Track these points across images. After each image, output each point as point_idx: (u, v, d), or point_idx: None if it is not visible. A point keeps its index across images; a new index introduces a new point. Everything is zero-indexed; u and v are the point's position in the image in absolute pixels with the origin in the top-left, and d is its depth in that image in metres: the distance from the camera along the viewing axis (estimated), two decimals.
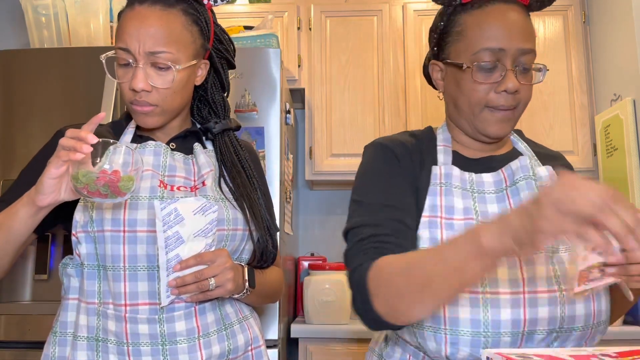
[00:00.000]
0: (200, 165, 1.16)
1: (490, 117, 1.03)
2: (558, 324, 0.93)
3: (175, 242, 1.03)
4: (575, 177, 0.71)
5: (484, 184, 1.03)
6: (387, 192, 1.01)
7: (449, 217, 0.99)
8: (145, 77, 1.07)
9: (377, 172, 1.04)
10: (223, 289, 1.05)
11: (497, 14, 1.01)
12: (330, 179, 2.62)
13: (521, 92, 1.02)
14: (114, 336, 1.05)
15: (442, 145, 1.09)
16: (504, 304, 0.92)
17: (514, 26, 1.00)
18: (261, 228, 1.18)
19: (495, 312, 0.92)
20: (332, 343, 2.16)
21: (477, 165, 1.07)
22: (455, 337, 0.93)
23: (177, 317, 1.06)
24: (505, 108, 1.02)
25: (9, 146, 1.99)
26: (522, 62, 1.01)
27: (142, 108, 1.10)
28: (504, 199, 1.02)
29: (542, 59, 2.63)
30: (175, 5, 1.11)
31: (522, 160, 1.05)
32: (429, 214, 0.99)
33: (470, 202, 1.00)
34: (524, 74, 1.03)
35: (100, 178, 0.93)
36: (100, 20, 2.24)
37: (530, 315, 0.92)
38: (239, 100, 1.99)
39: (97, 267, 1.08)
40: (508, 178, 1.05)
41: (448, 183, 1.02)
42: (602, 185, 0.70)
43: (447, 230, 0.97)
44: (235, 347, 1.13)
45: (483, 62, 1.00)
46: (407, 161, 1.05)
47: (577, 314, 0.93)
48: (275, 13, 2.69)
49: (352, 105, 2.64)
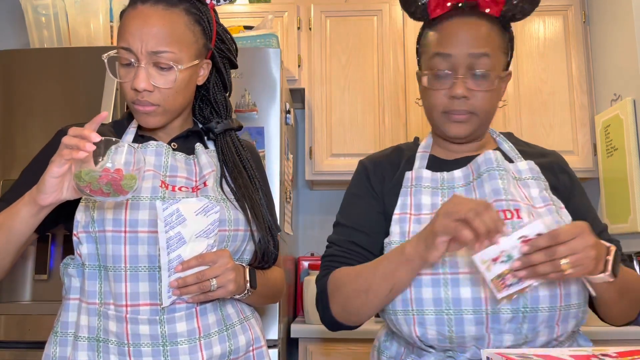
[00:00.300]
0: (202, 165, 1.16)
1: (447, 121, 1.12)
2: (521, 304, 0.98)
3: (177, 242, 1.03)
4: (462, 196, 0.94)
5: (454, 180, 1.13)
6: (352, 214, 1.18)
7: (418, 214, 1.10)
8: (147, 77, 1.07)
9: (349, 195, 1.22)
10: (224, 290, 1.05)
11: (453, 25, 1.11)
12: (330, 179, 2.62)
13: (472, 98, 1.09)
14: (115, 337, 1.05)
15: (420, 152, 1.20)
16: (463, 283, 1.00)
17: (466, 33, 1.09)
18: (263, 229, 1.17)
19: (455, 291, 1.00)
20: (332, 343, 2.16)
21: (455, 165, 1.16)
22: (421, 317, 1.02)
23: (178, 318, 1.06)
24: (458, 113, 1.10)
25: (9, 146, 1.99)
26: (475, 67, 1.08)
27: (144, 108, 1.10)
28: (471, 191, 1.11)
29: (542, 59, 2.65)
30: (178, 4, 1.11)
31: (486, 154, 1.12)
32: (400, 212, 1.12)
33: (439, 199, 1.11)
34: (478, 80, 1.09)
35: (103, 177, 0.92)
36: (100, 20, 2.24)
37: (491, 294, 0.96)
38: (239, 100, 1.99)
39: (98, 267, 1.08)
40: (475, 171, 1.12)
41: (418, 184, 1.13)
42: (480, 200, 0.91)
43: (415, 224, 1.09)
44: (236, 347, 1.13)
45: (436, 69, 1.10)
46: (378, 178, 1.19)
47: (541, 295, 0.99)
48: (275, 13, 2.69)
49: (352, 105, 2.64)
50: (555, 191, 1.13)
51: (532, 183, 1.11)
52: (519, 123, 2.61)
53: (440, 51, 1.09)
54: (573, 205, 1.13)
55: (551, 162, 1.17)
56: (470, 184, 1.11)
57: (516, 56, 2.65)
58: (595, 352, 0.75)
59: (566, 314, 1.01)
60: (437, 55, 1.10)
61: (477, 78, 1.09)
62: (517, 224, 1.02)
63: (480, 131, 1.16)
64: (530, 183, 1.11)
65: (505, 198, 1.05)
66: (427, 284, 1.02)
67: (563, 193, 1.14)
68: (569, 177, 1.17)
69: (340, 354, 2.16)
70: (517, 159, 1.16)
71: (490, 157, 1.11)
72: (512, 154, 1.17)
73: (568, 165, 1.20)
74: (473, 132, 1.13)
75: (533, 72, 2.64)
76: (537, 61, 2.65)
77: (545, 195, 1.10)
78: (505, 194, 1.05)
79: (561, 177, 1.16)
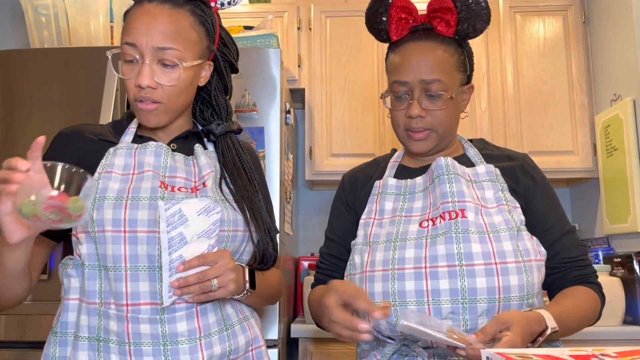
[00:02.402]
0: (201, 166, 1.16)
1: (409, 139, 1.24)
2: (460, 295, 1.07)
3: (178, 242, 1.03)
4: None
5: (415, 186, 1.25)
6: (333, 227, 1.34)
7: (380, 218, 1.23)
8: (151, 74, 1.07)
9: (332, 208, 1.36)
10: (225, 290, 1.06)
11: (407, 51, 1.21)
12: (330, 179, 2.62)
13: (428, 117, 1.20)
14: (116, 336, 1.05)
15: (392, 162, 1.33)
16: (408, 277, 1.10)
17: (419, 60, 1.19)
18: (261, 230, 1.18)
19: (400, 285, 1.11)
20: (332, 343, 2.16)
21: (421, 172, 1.27)
22: None
23: (178, 318, 1.06)
24: (417, 130, 1.21)
25: (9, 146, 1.99)
26: (428, 90, 1.19)
27: (146, 106, 1.10)
28: (427, 195, 1.22)
29: (542, 59, 2.65)
30: (184, 5, 1.12)
31: (438, 161, 1.22)
32: (365, 217, 1.25)
33: (399, 204, 1.23)
34: (433, 100, 1.19)
35: (46, 206, 0.84)
36: (100, 20, 2.24)
37: (432, 287, 1.08)
38: (239, 100, 1.99)
39: (98, 267, 1.08)
40: (430, 177, 1.23)
41: (384, 192, 1.26)
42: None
43: (376, 228, 1.21)
44: (236, 347, 1.13)
45: (393, 92, 1.23)
46: (352, 191, 1.32)
47: (479, 287, 1.07)
48: (275, 13, 2.68)
49: (352, 105, 2.64)
50: (514, 193, 1.21)
51: (487, 185, 1.21)
52: (519, 123, 2.61)
53: (397, 79, 1.21)
54: (534, 206, 1.21)
55: (514, 166, 1.24)
56: (427, 189, 1.22)
57: (516, 56, 2.65)
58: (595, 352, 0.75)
59: (507, 307, 1.08)
60: (395, 82, 1.22)
61: (431, 99, 1.19)
62: (460, 222, 1.12)
63: (442, 144, 1.25)
64: (486, 185, 1.21)
65: (451, 200, 1.15)
66: (378, 279, 1.13)
67: (523, 195, 1.21)
68: (533, 180, 1.24)
69: (340, 354, 2.16)
70: (478, 163, 1.25)
71: (441, 163, 1.21)
72: (475, 158, 1.27)
73: (536, 169, 1.27)
74: (434, 147, 1.24)
75: (533, 72, 2.64)
76: (537, 61, 2.65)
77: (499, 196, 1.19)
78: (451, 197, 1.16)
79: (523, 179, 1.23)
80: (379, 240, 1.19)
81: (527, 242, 1.13)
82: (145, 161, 1.12)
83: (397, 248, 1.14)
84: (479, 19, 1.20)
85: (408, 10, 1.23)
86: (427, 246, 1.12)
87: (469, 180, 1.21)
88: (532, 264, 1.11)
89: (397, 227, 1.18)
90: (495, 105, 2.63)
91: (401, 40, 1.24)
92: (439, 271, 1.09)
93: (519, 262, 1.09)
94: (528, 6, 2.69)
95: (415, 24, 1.23)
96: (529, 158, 1.28)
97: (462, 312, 1.08)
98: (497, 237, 1.11)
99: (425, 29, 1.23)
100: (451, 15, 1.19)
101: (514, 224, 1.14)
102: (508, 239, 1.11)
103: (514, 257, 1.09)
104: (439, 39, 1.21)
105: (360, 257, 1.19)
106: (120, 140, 1.16)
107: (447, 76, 1.19)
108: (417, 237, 1.14)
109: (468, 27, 1.20)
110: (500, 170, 1.23)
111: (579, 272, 1.18)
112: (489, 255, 1.09)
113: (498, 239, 1.11)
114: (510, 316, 0.99)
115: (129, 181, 1.09)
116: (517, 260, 1.09)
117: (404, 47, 1.22)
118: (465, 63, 1.24)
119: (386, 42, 1.30)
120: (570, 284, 1.17)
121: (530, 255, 1.12)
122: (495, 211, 1.16)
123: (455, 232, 1.11)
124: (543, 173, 1.27)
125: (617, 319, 2.17)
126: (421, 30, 1.23)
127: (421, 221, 1.17)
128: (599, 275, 1.24)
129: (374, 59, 2.66)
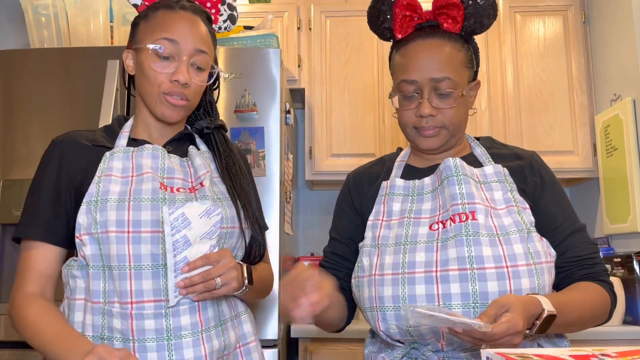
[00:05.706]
0: (197, 167, 1.20)
1: (418, 135, 1.21)
2: (471, 299, 1.06)
3: (183, 245, 1.08)
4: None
5: (424, 187, 1.23)
6: (337, 226, 1.33)
7: (388, 220, 1.21)
8: (188, 72, 1.15)
9: (336, 207, 1.36)
10: (228, 287, 1.10)
11: (414, 50, 1.19)
12: (330, 179, 2.62)
13: (439, 115, 1.18)
14: (120, 333, 1.07)
15: (398, 162, 1.30)
16: (418, 281, 1.09)
17: (427, 58, 1.17)
18: (252, 225, 1.22)
19: (411, 289, 1.09)
20: (332, 343, 2.16)
21: (428, 172, 1.25)
22: (383, 313, 1.12)
23: (182, 311, 1.09)
24: (427, 129, 1.19)
25: (9, 146, 1.99)
26: (439, 89, 1.16)
27: (177, 101, 1.16)
28: (435, 197, 1.20)
29: (542, 59, 2.65)
30: (205, 20, 1.24)
31: (446, 162, 1.20)
32: (373, 218, 1.23)
33: (408, 205, 1.21)
34: (443, 98, 1.17)
35: None
36: (100, 20, 2.24)
37: (443, 291, 1.07)
38: (239, 100, 1.99)
39: (102, 267, 1.10)
40: (439, 178, 1.21)
41: (391, 193, 1.24)
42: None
43: (385, 229, 1.20)
44: (228, 343, 1.16)
45: (401, 92, 1.20)
46: (358, 191, 1.31)
47: (490, 290, 1.06)
48: (275, 13, 2.69)
49: (352, 105, 2.64)
50: (523, 193, 1.19)
51: (496, 186, 1.19)
52: (518, 123, 2.61)
53: (405, 78, 1.18)
54: (543, 205, 1.19)
55: (522, 165, 1.23)
56: (436, 190, 1.21)
57: (516, 56, 2.65)
58: (595, 352, 0.75)
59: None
60: (403, 81, 1.19)
61: (441, 97, 1.17)
62: (471, 224, 1.11)
63: (452, 142, 1.23)
64: (494, 186, 1.19)
65: (461, 202, 1.14)
66: (387, 283, 1.12)
67: (531, 194, 1.20)
68: (541, 179, 1.22)
69: (340, 354, 2.16)
70: (487, 163, 1.23)
71: (449, 164, 1.19)
72: (483, 158, 1.25)
73: (544, 167, 1.25)
74: (444, 144, 1.22)
75: (533, 72, 2.64)
76: (537, 61, 2.65)
77: (508, 197, 1.18)
78: (461, 199, 1.14)
79: (531, 178, 1.21)
80: (387, 242, 1.17)
81: (537, 244, 1.12)
82: (143, 163, 1.15)
83: (407, 251, 1.13)
84: (485, 14, 1.18)
85: (412, 7, 1.20)
86: (438, 250, 1.11)
87: (477, 181, 1.19)
88: (542, 266, 1.10)
89: (406, 229, 1.16)
90: (495, 105, 2.63)
91: (406, 39, 1.21)
92: (450, 275, 1.08)
93: (530, 265, 1.08)
94: (528, 6, 2.69)
95: (420, 21, 1.21)
96: (537, 156, 1.27)
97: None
98: (507, 240, 1.10)
99: (431, 25, 1.20)
100: (458, 11, 1.17)
101: (524, 225, 1.13)
102: (518, 241, 1.10)
103: (525, 260, 1.08)
104: (445, 35, 1.19)
105: (368, 260, 1.18)
106: (115, 145, 1.19)
107: (456, 73, 1.17)
108: (427, 240, 1.13)
109: (475, 22, 1.18)
110: (508, 170, 1.21)
111: (588, 270, 1.16)
112: (500, 259, 1.08)
113: (508, 241, 1.10)
114: (508, 299, 0.99)
115: (129, 183, 1.13)
116: (528, 263, 1.08)
117: (410, 45, 1.20)
118: (472, 59, 1.22)
119: (389, 41, 1.28)
120: (579, 281, 1.15)
121: (540, 258, 1.11)
122: (505, 213, 1.15)
123: (465, 234, 1.10)
124: (552, 171, 1.25)
125: (617, 319, 2.17)
126: (427, 28, 1.20)
127: (431, 224, 1.15)
128: None
129: (374, 59, 2.66)
